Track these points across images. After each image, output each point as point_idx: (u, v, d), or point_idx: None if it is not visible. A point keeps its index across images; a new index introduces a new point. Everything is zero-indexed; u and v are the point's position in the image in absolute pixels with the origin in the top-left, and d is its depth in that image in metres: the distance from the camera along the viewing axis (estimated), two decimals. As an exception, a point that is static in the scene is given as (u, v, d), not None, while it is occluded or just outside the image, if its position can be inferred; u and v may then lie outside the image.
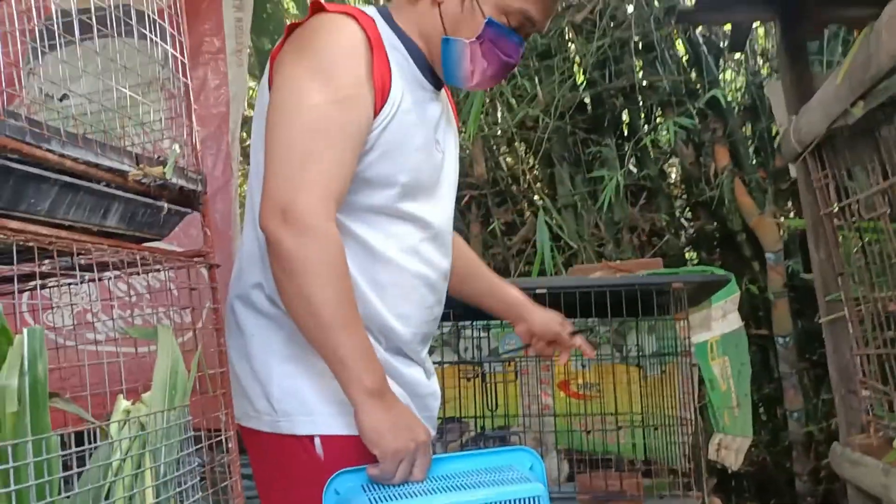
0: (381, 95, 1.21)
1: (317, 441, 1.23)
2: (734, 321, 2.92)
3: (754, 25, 3.44)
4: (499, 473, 1.18)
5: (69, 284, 1.57)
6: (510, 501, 1.10)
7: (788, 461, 3.73)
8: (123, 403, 1.16)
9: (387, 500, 1.12)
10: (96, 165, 1.29)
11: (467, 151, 4.31)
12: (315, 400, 1.23)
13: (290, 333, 1.24)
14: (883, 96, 1.53)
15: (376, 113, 1.21)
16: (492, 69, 1.30)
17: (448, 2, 1.27)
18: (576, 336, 1.57)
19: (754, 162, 4.16)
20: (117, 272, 1.45)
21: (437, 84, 1.35)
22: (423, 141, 1.29)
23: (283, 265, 1.14)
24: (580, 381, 2.85)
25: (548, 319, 1.56)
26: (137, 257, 1.39)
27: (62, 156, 1.22)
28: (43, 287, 1.59)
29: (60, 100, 1.83)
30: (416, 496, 1.13)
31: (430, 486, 1.16)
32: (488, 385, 2.73)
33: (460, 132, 4.21)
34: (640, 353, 2.78)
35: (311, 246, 1.12)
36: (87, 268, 1.40)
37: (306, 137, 1.16)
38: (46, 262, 1.43)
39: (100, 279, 1.52)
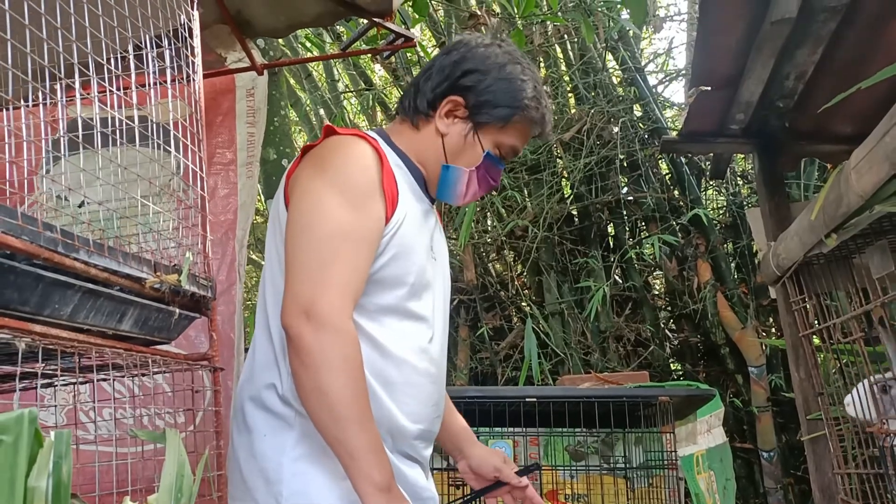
0: (391, 204, 1.33)
1: None
2: (719, 436, 2.96)
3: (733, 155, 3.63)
4: None
5: (76, 384, 1.61)
6: None
7: (775, 579, 3.68)
8: (130, 506, 1.19)
9: None
10: (116, 273, 1.36)
11: (458, 258, 4.42)
12: (325, 499, 1.25)
13: (301, 433, 1.27)
14: (854, 230, 1.65)
15: (387, 220, 1.32)
16: (481, 191, 1.46)
17: (451, 134, 1.43)
18: (523, 477, 1.54)
19: (736, 278, 4.29)
20: (125, 373, 1.50)
21: (430, 198, 1.49)
22: (424, 247, 1.41)
23: (303, 359, 1.19)
24: (568, 491, 2.85)
25: (487, 455, 1.57)
26: (150, 360, 1.45)
27: (87, 264, 1.29)
28: (50, 386, 1.63)
29: (79, 206, 1.92)
30: None
31: None
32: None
33: (453, 240, 4.34)
34: (627, 465, 2.80)
35: (331, 342, 1.19)
36: (98, 368, 1.44)
37: (326, 243, 1.25)
38: (48, 362, 1.48)
39: (104, 379, 1.56)
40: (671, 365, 4.46)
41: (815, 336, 2.16)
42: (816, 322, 2.07)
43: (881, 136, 1.41)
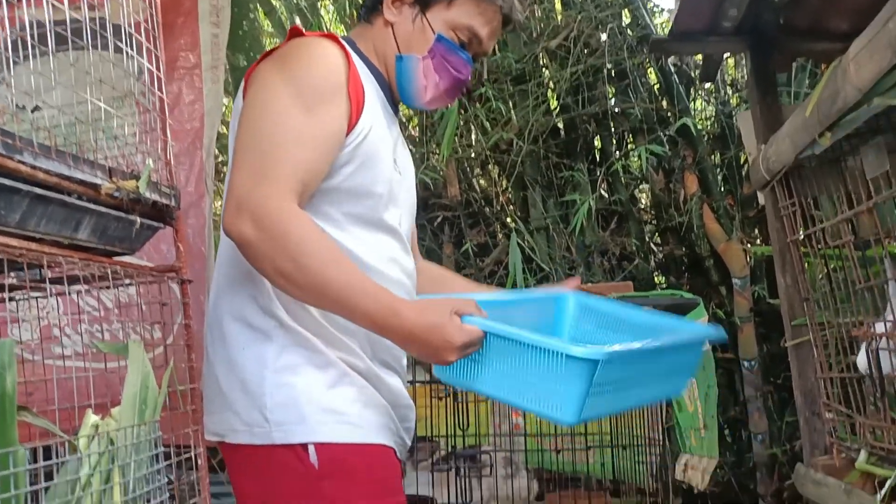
0: (356, 109, 1.25)
1: (311, 449, 1.20)
2: (702, 344, 2.96)
3: (725, 56, 3.52)
4: None
5: (37, 297, 1.55)
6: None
7: (752, 482, 3.77)
8: (92, 418, 1.14)
9: None
10: (68, 178, 1.28)
11: (441, 173, 4.33)
12: (310, 409, 1.21)
13: (282, 345, 1.24)
14: (849, 127, 1.58)
15: (352, 125, 1.25)
16: (444, 83, 1.36)
17: (400, 22, 1.35)
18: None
19: (723, 189, 4.24)
20: (87, 286, 1.44)
21: (395, 108, 1.42)
22: (389, 158, 1.34)
23: (254, 253, 1.14)
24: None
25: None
26: (109, 271, 1.38)
27: (34, 167, 1.21)
28: (10, 300, 1.56)
29: (33, 111, 1.81)
30: None
31: None
32: (460, 404, 2.73)
33: (435, 154, 4.25)
34: (610, 375, 2.81)
35: (271, 225, 1.12)
36: (56, 281, 1.38)
37: (272, 135, 1.18)
38: (13, 274, 1.41)
39: (68, 293, 1.50)
40: (655, 278, 4.46)
41: (802, 243, 2.13)
42: (805, 227, 2.02)
43: (884, 21, 1.32)
